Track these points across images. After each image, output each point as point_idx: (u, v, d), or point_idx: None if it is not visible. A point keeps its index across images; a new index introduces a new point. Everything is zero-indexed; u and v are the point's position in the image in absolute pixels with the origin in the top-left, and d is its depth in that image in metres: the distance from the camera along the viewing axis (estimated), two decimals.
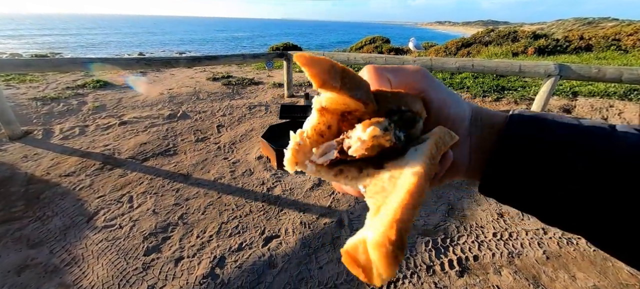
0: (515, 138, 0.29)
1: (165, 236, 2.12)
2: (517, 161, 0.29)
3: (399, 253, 0.14)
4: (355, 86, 0.20)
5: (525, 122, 0.30)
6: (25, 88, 5.20)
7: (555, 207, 0.28)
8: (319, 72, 0.19)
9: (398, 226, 0.14)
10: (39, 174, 2.84)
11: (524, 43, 10.63)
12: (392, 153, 0.21)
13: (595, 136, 0.27)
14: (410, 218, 0.15)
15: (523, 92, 5.20)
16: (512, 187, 0.30)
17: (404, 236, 0.14)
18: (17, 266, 1.85)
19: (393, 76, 0.28)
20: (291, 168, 0.22)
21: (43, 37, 37.72)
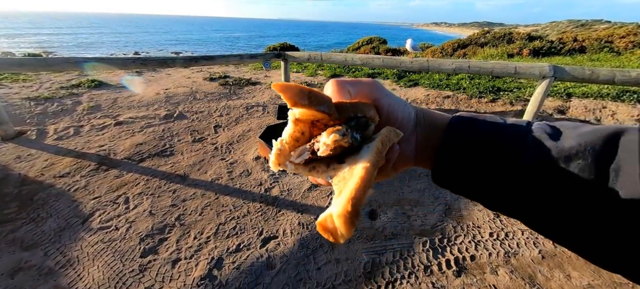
0: (452, 136, 0.35)
1: (162, 238, 2.11)
2: (454, 155, 0.34)
3: (354, 219, 0.20)
4: (320, 102, 0.25)
5: (462, 122, 0.36)
6: (18, 88, 5.13)
7: (491, 196, 0.33)
8: (291, 96, 0.25)
9: (353, 202, 0.20)
10: (32, 175, 2.80)
11: (519, 44, 10.75)
12: (350, 151, 0.28)
13: (511, 135, 0.33)
14: (361, 196, 0.21)
15: (518, 93, 5.25)
16: (454, 178, 0.35)
17: (357, 208, 0.20)
18: (10, 269, 1.82)
19: (352, 88, 0.34)
20: (275, 168, 0.27)
21: (36, 36, 37.17)
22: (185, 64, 4.65)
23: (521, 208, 0.32)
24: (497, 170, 0.31)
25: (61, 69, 5.35)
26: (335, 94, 0.33)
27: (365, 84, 0.35)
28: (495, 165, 0.31)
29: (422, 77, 6.47)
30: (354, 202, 0.20)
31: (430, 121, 0.39)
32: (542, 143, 0.30)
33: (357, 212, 0.20)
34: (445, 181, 0.36)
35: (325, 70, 7.45)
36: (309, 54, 4.95)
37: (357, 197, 0.20)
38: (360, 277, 1.84)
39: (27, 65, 3.73)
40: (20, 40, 30.93)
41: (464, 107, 4.91)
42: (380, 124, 0.34)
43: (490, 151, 0.32)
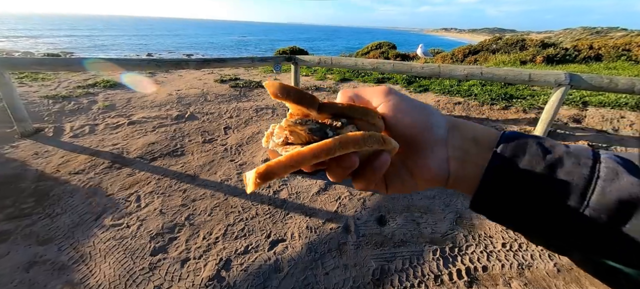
0: (505, 160, 0.29)
1: (171, 237, 2.13)
2: (506, 184, 0.29)
3: (260, 180, 0.24)
4: (300, 99, 0.29)
5: (516, 143, 0.30)
6: (38, 86, 5.31)
7: (546, 234, 0.28)
8: (273, 91, 0.29)
9: (268, 168, 0.24)
10: (49, 171, 2.88)
11: (532, 51, 10.55)
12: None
13: (575, 171, 0.27)
14: (277, 169, 0.24)
15: (532, 101, 5.14)
16: (502, 209, 0.30)
17: (268, 174, 0.24)
18: (26, 263, 1.87)
19: (356, 96, 0.35)
20: (264, 144, 0.32)
21: (53, 38, 38.54)
22: (197, 66, 4.73)
23: (585, 251, 0.27)
24: (559, 208, 0.26)
25: (78, 69, 5.52)
26: (340, 100, 0.34)
27: (370, 89, 0.34)
28: (558, 202, 0.26)
29: (433, 83, 6.41)
30: (269, 169, 0.24)
31: (469, 134, 0.33)
32: (617, 180, 0.25)
33: (266, 177, 0.24)
34: (488, 210, 0.31)
35: (334, 74, 7.47)
36: (319, 58, 4.97)
37: (273, 167, 0.24)
38: (369, 284, 1.82)
39: (46, 64, 3.87)
40: (39, 42, 32.13)
41: (475, 114, 4.83)
42: (390, 129, 0.33)
43: (554, 185, 0.27)
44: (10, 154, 3.15)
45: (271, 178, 0.24)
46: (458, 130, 0.33)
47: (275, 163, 0.24)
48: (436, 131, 0.32)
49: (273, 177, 0.24)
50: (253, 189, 0.25)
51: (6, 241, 2.03)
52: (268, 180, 0.24)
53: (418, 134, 0.32)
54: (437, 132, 0.32)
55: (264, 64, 5.32)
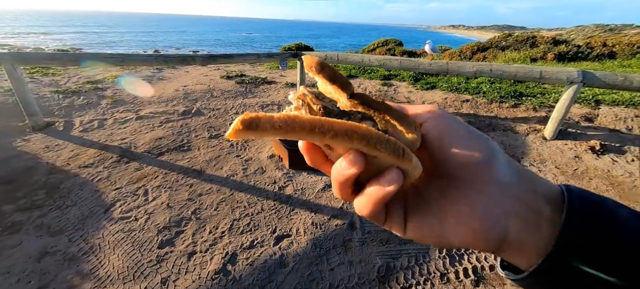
0: (584, 222, 0.23)
1: (178, 230, 2.15)
2: (581, 255, 0.23)
3: (242, 128, 0.20)
4: (332, 77, 0.26)
5: (589, 204, 0.24)
6: (49, 81, 5.40)
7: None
8: (309, 63, 0.27)
9: (253, 117, 0.21)
10: (59, 164, 2.93)
11: (543, 48, 10.33)
12: None
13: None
14: (265, 123, 0.21)
15: (542, 99, 5.03)
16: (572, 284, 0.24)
17: (253, 125, 0.20)
18: (37, 253, 1.91)
19: (407, 106, 0.29)
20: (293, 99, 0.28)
21: (63, 35, 39.19)
22: (203, 62, 4.75)
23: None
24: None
25: (89, 64, 5.58)
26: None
27: (417, 105, 0.29)
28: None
29: (440, 80, 6.33)
30: (255, 119, 0.21)
31: (542, 187, 0.26)
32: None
33: (250, 126, 0.21)
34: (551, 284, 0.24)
35: (340, 71, 7.42)
36: (325, 55, 4.94)
37: (261, 118, 0.21)
38: (374, 281, 1.81)
39: (57, 59, 3.93)
40: (48, 38, 32.71)
41: (484, 112, 4.76)
42: (426, 156, 0.27)
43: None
44: (22, 147, 3.22)
45: (255, 130, 0.21)
46: (528, 179, 0.26)
47: (265, 116, 0.21)
48: (500, 171, 0.25)
49: (258, 131, 0.21)
50: (232, 137, 0.21)
51: (19, 231, 2.08)
52: (251, 131, 0.21)
53: (471, 168, 0.25)
54: (500, 173, 0.25)
55: (270, 60, 5.32)
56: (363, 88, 6.16)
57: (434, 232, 0.27)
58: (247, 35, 63.85)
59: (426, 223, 0.28)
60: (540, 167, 3.18)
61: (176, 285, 1.74)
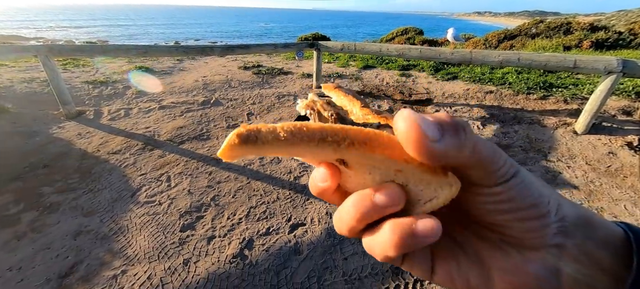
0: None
1: (199, 215, 2.25)
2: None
3: (237, 142, 0.18)
4: (347, 91, 0.26)
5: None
6: (79, 72, 5.72)
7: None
8: (326, 86, 0.27)
9: (250, 130, 0.18)
10: (90, 150, 3.13)
11: (578, 36, 9.57)
12: None
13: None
14: (263, 136, 0.18)
15: (575, 91, 4.70)
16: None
17: (249, 139, 0.18)
18: (73, 232, 2.07)
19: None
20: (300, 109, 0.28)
21: (89, 28, 41.19)
22: (222, 53, 4.83)
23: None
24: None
25: (115, 56, 5.85)
26: None
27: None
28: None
29: (462, 70, 6.06)
30: (251, 132, 0.18)
31: (600, 231, 0.22)
32: None
33: (246, 140, 0.18)
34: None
35: (357, 61, 7.29)
36: (342, 44, 4.87)
37: (260, 131, 0.18)
38: (387, 272, 1.81)
39: (87, 51, 4.15)
40: (78, 32, 34.51)
41: (509, 104, 4.52)
42: (463, 198, 0.22)
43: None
44: (58, 134, 3.47)
45: (255, 145, 0.18)
46: (584, 221, 0.22)
47: (266, 127, 0.18)
48: (554, 225, 0.21)
49: (257, 146, 0.18)
50: (225, 156, 0.18)
51: (57, 211, 2.26)
52: (250, 146, 0.18)
53: (522, 224, 0.21)
54: (554, 228, 0.21)
55: (287, 50, 5.31)
56: (380, 79, 6.03)
57: (471, 284, 0.23)
58: (264, 26, 64.02)
59: (462, 272, 0.24)
60: (569, 163, 3.00)
61: (197, 266, 1.83)
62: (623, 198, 2.48)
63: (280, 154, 0.19)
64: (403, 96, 4.97)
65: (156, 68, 6.35)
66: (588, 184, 2.68)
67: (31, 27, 38.09)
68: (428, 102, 4.76)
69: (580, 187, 2.64)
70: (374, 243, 0.22)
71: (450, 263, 0.24)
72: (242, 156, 0.19)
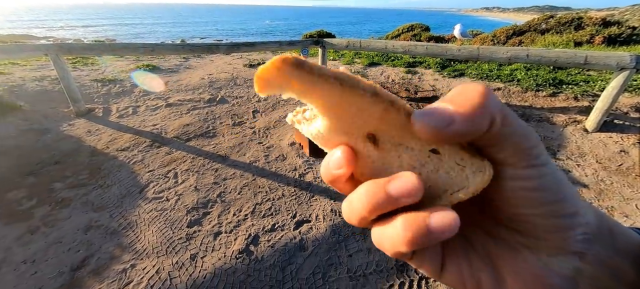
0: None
1: (205, 212, 2.28)
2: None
3: (281, 66, 0.17)
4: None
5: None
6: (88, 70, 5.82)
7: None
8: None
9: (297, 59, 0.17)
10: (100, 147, 3.19)
11: (590, 31, 9.33)
12: None
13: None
14: (311, 67, 0.17)
15: (585, 87, 4.60)
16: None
17: (300, 64, 0.17)
18: (84, 226, 2.12)
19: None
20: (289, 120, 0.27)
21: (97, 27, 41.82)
22: (227, 51, 4.85)
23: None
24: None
25: (123, 54, 5.92)
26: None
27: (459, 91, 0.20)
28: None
29: (469, 66, 5.98)
30: (300, 60, 0.17)
31: (628, 238, 0.21)
32: None
33: (291, 64, 0.17)
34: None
35: (362, 58, 7.26)
36: (348, 41, 4.84)
37: (309, 64, 0.17)
38: (392, 269, 1.81)
39: (95, 49, 4.22)
40: (84, 30, 35.06)
41: (517, 101, 4.45)
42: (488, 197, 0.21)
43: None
44: (68, 131, 3.54)
45: (298, 71, 0.17)
46: (606, 230, 0.21)
47: (315, 63, 0.18)
48: (578, 232, 0.19)
49: (300, 73, 0.17)
50: (262, 78, 0.18)
51: (68, 206, 2.32)
52: (294, 71, 0.17)
53: (543, 228, 0.19)
54: (578, 235, 0.19)
55: (292, 47, 5.31)
56: (386, 76, 5.99)
57: (482, 286, 0.22)
58: (269, 24, 64.05)
59: (473, 273, 0.22)
60: (578, 162, 2.94)
61: (204, 261, 1.86)
62: (634, 197, 2.43)
63: (319, 99, 0.18)
64: (409, 93, 4.93)
65: (163, 66, 6.42)
66: (598, 183, 2.63)
67: (41, 26, 38.87)
68: (434, 99, 4.72)
69: (590, 186, 2.59)
70: (385, 236, 0.20)
71: (462, 262, 0.23)
72: (280, 86, 0.18)
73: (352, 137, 0.21)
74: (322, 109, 0.19)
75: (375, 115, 0.19)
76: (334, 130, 0.21)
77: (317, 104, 0.19)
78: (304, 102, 0.21)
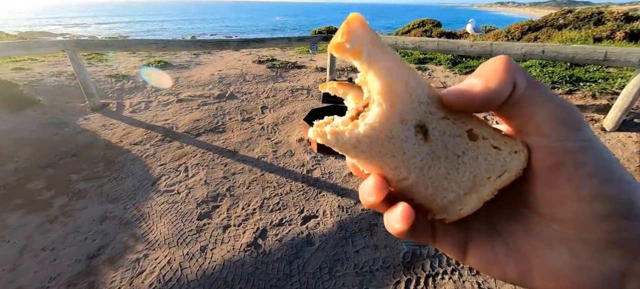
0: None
1: (215, 205, 2.33)
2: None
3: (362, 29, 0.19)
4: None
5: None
6: (102, 66, 5.98)
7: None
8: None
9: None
10: (114, 141, 3.29)
11: (610, 26, 8.95)
12: None
13: None
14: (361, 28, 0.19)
15: (604, 85, 4.42)
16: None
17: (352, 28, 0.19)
18: (100, 217, 2.20)
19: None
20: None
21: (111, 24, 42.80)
22: (237, 47, 4.89)
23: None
24: None
25: (136, 49, 6.05)
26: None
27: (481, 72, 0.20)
28: None
29: (481, 63, 5.84)
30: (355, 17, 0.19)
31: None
32: None
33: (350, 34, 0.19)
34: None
35: None
36: None
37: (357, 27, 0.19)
38: (399, 266, 1.81)
39: (110, 46, 4.32)
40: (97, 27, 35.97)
41: None
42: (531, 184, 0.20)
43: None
44: (84, 125, 3.66)
45: (372, 32, 0.19)
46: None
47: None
48: (634, 225, 0.17)
49: (374, 34, 0.19)
50: (349, 30, 0.19)
51: (84, 197, 2.40)
52: (371, 36, 0.19)
53: (590, 222, 0.17)
54: (633, 228, 0.17)
55: (301, 43, 5.31)
56: None
57: (507, 274, 0.21)
58: (279, 20, 64.09)
59: (498, 261, 0.22)
60: None
61: (213, 253, 1.90)
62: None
63: (383, 68, 0.19)
64: None
65: (174, 62, 6.52)
66: None
67: (57, 24, 40.06)
68: None
69: None
70: (387, 219, 0.22)
71: (485, 250, 0.22)
72: (358, 50, 0.19)
73: (405, 128, 0.20)
74: (384, 86, 0.19)
75: (424, 94, 0.20)
76: (388, 119, 0.20)
77: (380, 78, 0.19)
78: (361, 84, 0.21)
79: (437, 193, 0.22)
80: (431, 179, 0.21)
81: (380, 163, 0.21)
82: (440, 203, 0.22)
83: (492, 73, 0.18)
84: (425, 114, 0.20)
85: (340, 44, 0.19)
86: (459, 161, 0.21)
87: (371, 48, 0.19)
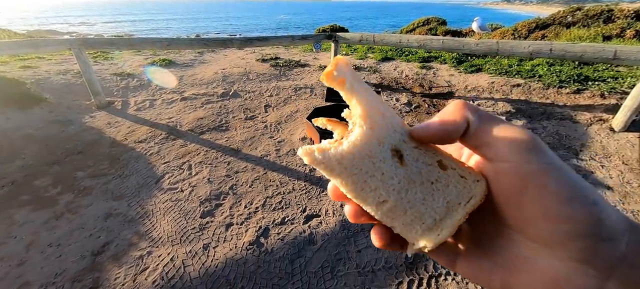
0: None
1: (217, 203, 2.34)
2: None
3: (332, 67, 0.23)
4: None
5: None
6: (108, 65, 6.04)
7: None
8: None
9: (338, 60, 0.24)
10: (119, 139, 3.32)
11: (621, 24, 8.76)
12: None
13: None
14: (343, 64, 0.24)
15: (613, 84, 4.33)
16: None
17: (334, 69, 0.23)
18: (104, 214, 2.22)
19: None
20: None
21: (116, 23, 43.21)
22: (240, 45, 4.91)
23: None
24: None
25: (141, 48, 6.09)
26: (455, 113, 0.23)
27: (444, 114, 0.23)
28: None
29: (487, 62, 5.76)
30: (339, 59, 0.23)
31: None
32: None
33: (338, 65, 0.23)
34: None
35: (375, 53, 7.14)
36: (361, 35, 4.77)
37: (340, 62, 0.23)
38: (402, 266, 1.80)
39: (115, 44, 4.36)
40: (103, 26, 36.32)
41: (538, 98, 4.26)
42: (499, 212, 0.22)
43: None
44: (90, 122, 3.70)
45: (352, 72, 0.24)
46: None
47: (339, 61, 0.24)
48: (605, 243, 0.17)
49: (353, 73, 0.24)
50: (328, 72, 0.23)
51: (89, 194, 2.43)
52: (350, 73, 0.24)
53: (564, 241, 0.18)
54: (605, 247, 0.17)
55: (304, 42, 5.30)
56: (399, 71, 5.87)
57: (493, 283, 0.23)
58: (283, 18, 64.07)
59: (483, 271, 0.24)
60: (603, 162, 2.79)
61: (216, 251, 1.91)
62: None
63: (363, 100, 0.23)
64: (423, 89, 4.82)
65: (178, 61, 6.56)
66: (624, 185, 2.49)
67: (64, 22, 40.57)
68: (449, 95, 4.59)
69: (615, 188, 2.46)
70: (371, 235, 0.27)
71: (472, 262, 0.25)
72: (343, 80, 0.23)
73: (383, 150, 0.23)
74: (364, 111, 0.23)
75: (398, 124, 0.24)
76: (368, 139, 0.23)
77: (361, 104, 0.23)
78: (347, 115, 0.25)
79: (415, 219, 0.23)
80: (409, 203, 0.23)
81: (362, 184, 0.23)
82: (420, 230, 0.24)
83: (450, 114, 0.22)
84: (399, 141, 0.24)
85: (329, 73, 0.23)
86: (433, 187, 0.24)
87: (353, 81, 0.23)
